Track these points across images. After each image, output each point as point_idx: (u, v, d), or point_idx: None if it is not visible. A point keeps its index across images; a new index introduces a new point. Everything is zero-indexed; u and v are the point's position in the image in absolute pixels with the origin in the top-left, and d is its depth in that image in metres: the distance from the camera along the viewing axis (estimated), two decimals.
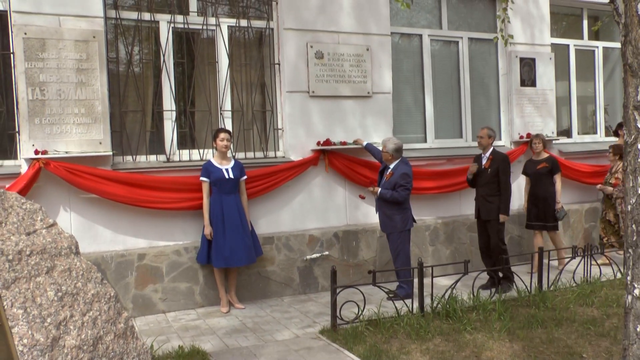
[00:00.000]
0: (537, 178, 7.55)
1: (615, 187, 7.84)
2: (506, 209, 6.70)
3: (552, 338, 5.03)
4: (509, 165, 6.84)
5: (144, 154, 6.43)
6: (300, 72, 6.96)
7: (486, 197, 6.78)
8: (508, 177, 6.77)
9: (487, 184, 6.79)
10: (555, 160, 7.66)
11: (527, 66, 8.48)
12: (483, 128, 6.98)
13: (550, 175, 7.51)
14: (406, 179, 6.37)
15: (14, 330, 1.96)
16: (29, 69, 5.63)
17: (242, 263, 6.14)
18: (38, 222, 2.27)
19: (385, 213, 6.48)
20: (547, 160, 7.57)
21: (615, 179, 7.89)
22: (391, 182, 6.38)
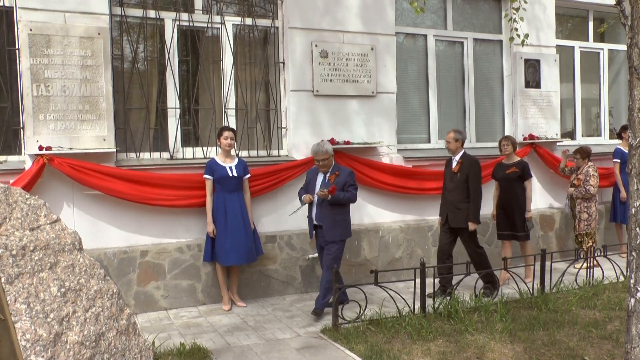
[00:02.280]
0: (505, 184, 7.02)
1: (576, 188, 7.66)
2: (476, 216, 6.38)
3: (553, 340, 5.02)
4: (479, 170, 6.49)
5: (148, 151, 6.44)
6: (305, 71, 6.96)
7: (455, 204, 6.45)
8: (479, 182, 6.45)
9: (456, 189, 6.46)
10: (526, 164, 7.10)
11: (531, 67, 8.47)
12: (449, 132, 6.58)
13: (521, 180, 6.97)
14: (353, 177, 6.03)
15: (17, 325, 1.97)
16: (34, 65, 5.64)
17: (243, 262, 6.15)
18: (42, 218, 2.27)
19: (335, 219, 5.90)
20: (517, 164, 7.01)
21: (577, 180, 7.68)
22: (339, 183, 5.89)
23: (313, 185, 6.02)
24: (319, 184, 5.95)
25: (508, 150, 7.04)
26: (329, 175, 5.94)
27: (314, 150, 5.95)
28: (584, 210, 7.64)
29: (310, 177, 6.11)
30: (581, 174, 7.71)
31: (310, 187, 6.04)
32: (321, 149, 5.89)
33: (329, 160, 5.94)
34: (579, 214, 7.65)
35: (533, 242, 8.32)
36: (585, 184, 7.56)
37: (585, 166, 7.72)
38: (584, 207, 7.65)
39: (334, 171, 5.96)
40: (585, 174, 7.65)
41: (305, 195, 5.98)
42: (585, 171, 7.67)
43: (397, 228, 7.42)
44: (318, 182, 5.97)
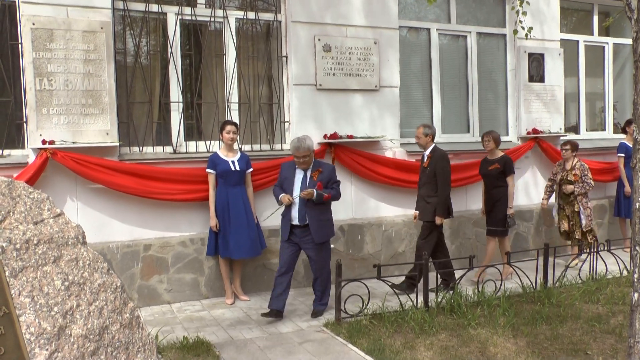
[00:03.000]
0: (489, 180, 6.95)
1: (575, 184, 7.40)
2: (442, 210, 6.30)
3: (556, 334, 5.02)
4: (447, 163, 6.37)
5: (151, 145, 6.44)
6: (308, 65, 6.95)
7: (425, 198, 6.41)
8: (446, 175, 6.33)
9: (427, 183, 6.40)
10: (509, 160, 6.95)
11: (535, 62, 8.43)
12: (419, 127, 6.54)
13: (503, 176, 6.84)
14: (335, 172, 5.79)
15: (21, 318, 1.97)
16: (36, 59, 5.64)
17: (246, 255, 6.15)
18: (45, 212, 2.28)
19: (321, 220, 5.62)
20: (500, 160, 6.87)
21: (574, 175, 7.44)
22: (324, 180, 5.59)
23: (290, 183, 5.63)
24: (299, 182, 5.60)
25: (489, 146, 6.92)
26: (312, 173, 5.60)
27: (295, 146, 5.50)
28: (586, 205, 7.45)
29: (287, 174, 5.68)
30: (574, 169, 7.48)
31: (287, 185, 5.64)
32: (303, 145, 5.47)
33: (310, 157, 5.57)
34: (583, 210, 7.42)
35: (537, 236, 8.32)
36: (585, 178, 7.39)
37: (574, 160, 7.53)
38: (585, 202, 7.45)
39: (315, 168, 5.61)
40: (580, 169, 7.45)
41: (283, 195, 5.57)
42: (579, 165, 7.48)
43: (400, 222, 7.42)
44: (297, 180, 5.61)
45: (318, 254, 5.65)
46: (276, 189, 5.74)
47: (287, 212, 5.65)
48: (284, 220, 5.69)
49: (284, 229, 5.68)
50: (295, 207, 5.56)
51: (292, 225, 5.60)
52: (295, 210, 5.58)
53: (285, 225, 5.66)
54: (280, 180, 5.74)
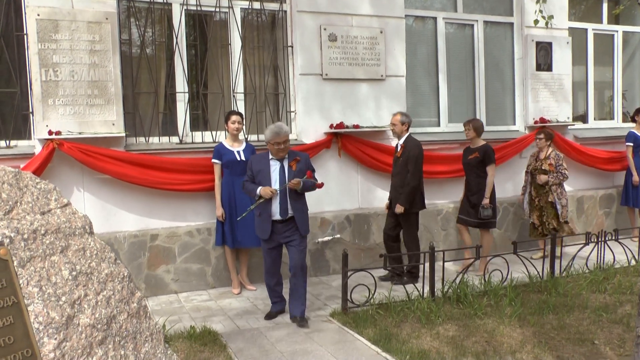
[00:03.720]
0: (468, 169, 6.83)
1: (549, 174, 7.16)
2: (406, 199, 6.23)
3: (563, 324, 5.01)
4: (419, 154, 6.30)
5: (157, 136, 6.45)
6: (314, 55, 6.92)
7: (397, 187, 6.33)
8: (417, 165, 6.26)
9: (399, 173, 6.33)
10: (489, 149, 6.73)
11: (543, 50, 8.37)
12: (395, 114, 6.47)
13: (482, 166, 6.68)
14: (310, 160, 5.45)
15: (29, 308, 1.98)
16: (42, 50, 5.64)
17: (252, 245, 6.15)
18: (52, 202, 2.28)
19: (303, 211, 5.27)
20: (480, 149, 6.70)
21: (548, 165, 7.18)
22: (303, 170, 5.19)
23: (266, 176, 5.15)
24: (276, 173, 5.15)
25: (470, 135, 6.79)
26: (290, 162, 5.18)
27: (275, 131, 5.05)
28: (561, 196, 7.20)
29: (259, 167, 5.20)
30: (549, 158, 7.24)
31: (261, 178, 5.15)
32: (283, 129, 5.08)
33: (289, 144, 5.19)
34: (559, 200, 7.17)
35: None
36: (559, 167, 7.14)
37: (549, 150, 7.30)
38: (559, 192, 7.20)
39: (292, 157, 5.21)
40: (555, 158, 7.21)
41: (263, 188, 5.06)
42: (554, 155, 7.24)
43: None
44: (274, 172, 5.15)
45: (301, 248, 5.24)
46: (248, 184, 5.25)
47: (264, 208, 5.16)
48: (262, 218, 5.20)
49: (263, 227, 5.19)
50: (276, 200, 5.12)
51: (272, 222, 5.17)
52: (275, 204, 5.13)
53: (264, 223, 5.18)
54: (250, 175, 5.25)
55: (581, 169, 8.78)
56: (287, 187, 5.10)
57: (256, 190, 5.12)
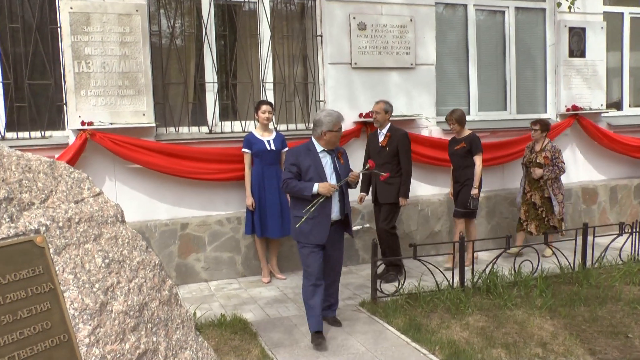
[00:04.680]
0: (455, 160, 6.63)
1: (544, 168, 6.81)
2: (406, 192, 6.09)
3: (595, 316, 4.93)
4: (409, 143, 6.15)
5: (187, 126, 6.51)
6: (343, 44, 6.89)
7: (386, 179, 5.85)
8: (409, 155, 6.11)
9: (386, 164, 6.01)
10: (476, 138, 6.52)
11: (576, 36, 8.18)
12: (379, 102, 6.18)
13: (470, 156, 6.46)
14: None
15: (65, 294, 2.03)
16: (74, 43, 5.73)
17: (282, 234, 6.19)
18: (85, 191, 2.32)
19: (350, 209, 4.85)
20: (466, 139, 6.50)
21: (543, 158, 6.84)
22: (347, 162, 4.78)
23: (320, 170, 4.50)
24: (329, 167, 4.56)
25: (455, 129, 6.57)
26: (337, 154, 4.68)
27: (336, 116, 4.55)
28: (557, 191, 6.88)
29: (310, 162, 4.51)
30: (544, 151, 6.88)
31: (315, 174, 4.48)
32: (341, 116, 4.61)
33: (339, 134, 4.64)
34: (555, 197, 6.84)
35: (575, 215, 8.16)
36: (556, 161, 6.79)
37: (545, 141, 6.95)
38: (556, 187, 6.88)
39: (337, 149, 4.72)
40: (551, 150, 6.85)
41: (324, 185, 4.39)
42: (550, 147, 6.87)
43: (436, 201, 7.35)
44: (328, 165, 4.56)
45: (339, 251, 4.82)
46: (294, 182, 4.48)
47: (321, 208, 4.45)
48: (317, 220, 4.47)
49: (319, 230, 4.48)
50: (335, 198, 4.55)
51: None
52: (335, 202, 4.56)
53: (321, 225, 4.48)
54: (296, 172, 4.50)
55: (615, 157, 8.59)
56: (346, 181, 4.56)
57: (312, 188, 4.38)
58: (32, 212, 2.06)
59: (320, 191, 4.38)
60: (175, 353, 2.33)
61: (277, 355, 4.29)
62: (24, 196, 2.06)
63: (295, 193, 4.50)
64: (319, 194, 4.39)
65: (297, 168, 4.49)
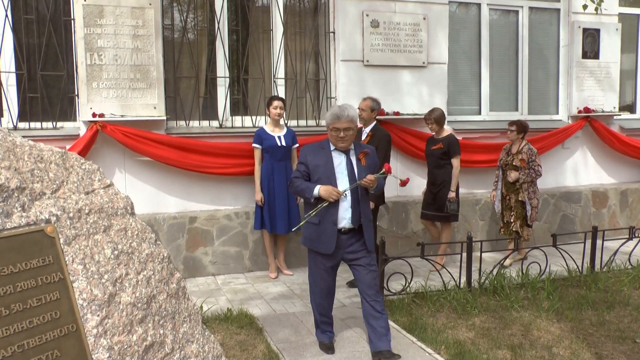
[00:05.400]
0: (432, 161, 6.44)
1: (520, 171, 6.54)
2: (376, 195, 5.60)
3: (603, 321, 4.90)
4: (389, 143, 5.87)
5: (197, 120, 6.53)
6: (355, 41, 6.88)
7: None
8: (387, 159, 5.77)
9: None
10: (454, 140, 6.37)
11: (590, 37, 8.12)
12: (366, 99, 5.92)
13: (446, 157, 6.30)
14: None
15: (74, 285, 2.04)
16: (87, 35, 5.76)
17: (288, 230, 6.18)
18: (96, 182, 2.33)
19: (371, 219, 4.23)
20: (444, 140, 6.32)
21: (520, 161, 6.55)
22: (371, 165, 4.18)
23: (329, 171, 4.03)
24: (343, 168, 4.06)
25: (434, 129, 6.41)
26: (358, 155, 4.14)
27: (335, 113, 4.04)
28: (532, 196, 6.59)
29: (320, 161, 4.07)
30: (521, 153, 6.58)
31: (323, 175, 4.02)
32: (346, 113, 4.02)
33: (353, 133, 4.06)
34: (529, 201, 6.56)
35: (584, 219, 8.11)
36: (532, 164, 6.50)
37: (522, 143, 6.65)
38: (532, 192, 6.59)
39: (359, 149, 4.19)
40: (528, 153, 6.54)
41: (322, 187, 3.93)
42: (527, 149, 6.56)
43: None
44: (341, 167, 4.07)
45: (372, 268, 4.12)
46: (299, 182, 4.08)
47: (327, 213, 3.99)
48: (322, 227, 4.02)
49: (325, 238, 4.02)
50: (345, 203, 4.02)
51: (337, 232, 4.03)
52: (345, 208, 4.01)
53: (327, 233, 4.01)
54: (303, 171, 4.10)
55: (626, 161, 8.54)
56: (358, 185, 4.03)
57: (313, 191, 3.95)
58: (43, 202, 2.07)
59: (321, 194, 3.92)
60: (181, 346, 2.34)
61: (283, 351, 4.30)
62: (35, 186, 2.07)
63: (298, 194, 4.14)
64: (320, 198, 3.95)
65: (305, 167, 4.08)
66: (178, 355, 2.32)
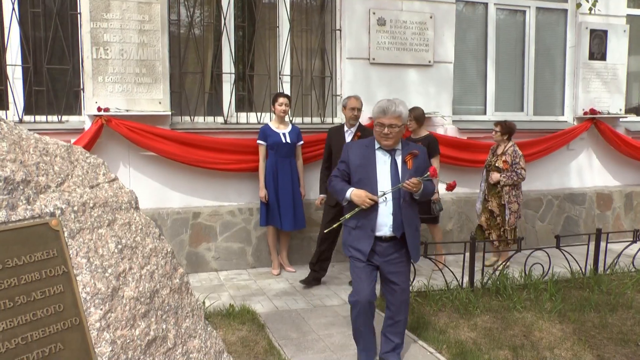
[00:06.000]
0: None
1: (502, 173, 6.36)
2: None
3: (605, 323, 4.89)
4: None
5: (202, 115, 6.53)
6: (362, 39, 6.86)
7: None
8: None
9: None
10: (433, 140, 6.26)
11: (597, 38, 8.08)
12: (357, 97, 5.85)
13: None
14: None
15: (78, 278, 2.04)
16: (94, 29, 5.76)
17: (292, 227, 6.19)
18: (101, 176, 2.34)
19: (417, 227, 3.87)
20: (423, 140, 6.15)
21: (503, 162, 6.37)
22: (420, 168, 3.76)
23: (371, 172, 3.69)
24: (385, 170, 3.70)
25: (412, 126, 6.27)
26: (404, 156, 3.75)
27: (382, 107, 3.67)
28: (513, 200, 6.38)
29: (362, 160, 3.73)
30: (505, 154, 6.39)
31: (364, 175, 3.70)
32: (392, 108, 3.64)
33: (400, 130, 3.68)
34: (509, 205, 6.36)
35: (588, 220, 8.10)
36: (515, 166, 6.31)
37: (508, 145, 6.47)
38: (513, 195, 6.39)
39: (407, 149, 3.78)
40: (512, 155, 6.36)
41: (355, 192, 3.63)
42: (512, 151, 6.38)
43: (449, 200, 7.32)
44: (382, 168, 3.71)
45: (406, 280, 3.90)
46: (337, 182, 3.79)
47: (365, 218, 3.69)
48: (358, 232, 3.73)
49: (360, 244, 3.73)
50: (386, 208, 3.68)
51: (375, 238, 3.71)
52: (386, 214, 3.68)
53: (363, 240, 3.71)
54: (344, 170, 3.79)
55: (631, 163, 8.50)
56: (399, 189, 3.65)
57: (345, 193, 3.67)
58: (48, 195, 2.07)
59: (353, 199, 3.63)
60: (184, 341, 2.34)
61: (284, 348, 4.30)
62: (40, 179, 2.07)
63: (333, 195, 3.88)
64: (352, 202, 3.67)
65: (346, 166, 3.77)
66: (180, 350, 2.32)
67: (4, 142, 2.01)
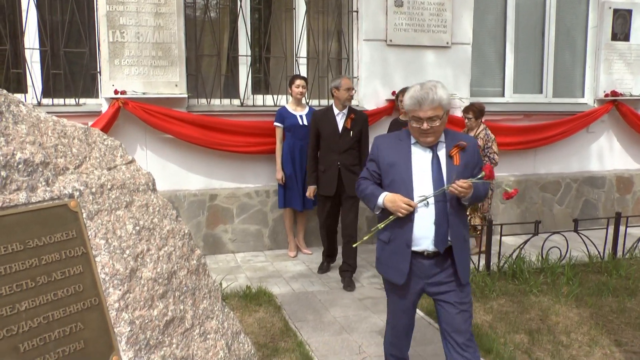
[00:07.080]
0: None
1: None
2: None
3: (623, 308, 4.85)
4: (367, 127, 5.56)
5: (219, 98, 6.54)
6: (379, 20, 6.79)
7: (349, 167, 5.33)
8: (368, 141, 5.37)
9: (350, 149, 5.34)
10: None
11: (621, 18, 7.90)
12: (348, 78, 5.61)
13: None
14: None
15: (97, 259, 2.07)
16: (110, 12, 5.76)
17: (311, 206, 6.19)
18: (118, 158, 2.35)
19: (466, 239, 2.99)
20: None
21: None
22: (470, 164, 2.97)
23: (405, 172, 2.90)
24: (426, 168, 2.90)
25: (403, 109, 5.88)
26: (449, 150, 2.93)
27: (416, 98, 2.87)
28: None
29: (395, 157, 2.94)
30: (478, 138, 6.08)
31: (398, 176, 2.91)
32: (430, 97, 2.86)
33: (441, 122, 2.87)
34: None
35: (608, 204, 8.01)
36: (488, 150, 6.10)
37: (479, 129, 6.21)
38: None
39: (452, 141, 2.96)
40: (484, 139, 6.12)
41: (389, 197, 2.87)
42: (483, 135, 6.14)
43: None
44: (421, 166, 2.91)
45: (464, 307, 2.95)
46: (366, 184, 3.05)
47: (399, 229, 2.92)
48: (392, 247, 2.98)
49: (396, 263, 2.96)
50: (426, 217, 2.87)
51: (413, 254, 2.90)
52: (427, 224, 2.87)
53: (398, 256, 2.95)
54: (374, 171, 3.04)
55: None
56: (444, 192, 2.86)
57: (378, 200, 2.93)
58: (66, 177, 2.09)
59: (386, 206, 2.89)
60: (201, 322, 2.37)
61: (300, 330, 4.33)
62: (59, 161, 2.09)
63: (363, 200, 3.11)
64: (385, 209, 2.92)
65: (376, 165, 3.03)
66: (198, 330, 2.34)
67: (23, 125, 2.03)
